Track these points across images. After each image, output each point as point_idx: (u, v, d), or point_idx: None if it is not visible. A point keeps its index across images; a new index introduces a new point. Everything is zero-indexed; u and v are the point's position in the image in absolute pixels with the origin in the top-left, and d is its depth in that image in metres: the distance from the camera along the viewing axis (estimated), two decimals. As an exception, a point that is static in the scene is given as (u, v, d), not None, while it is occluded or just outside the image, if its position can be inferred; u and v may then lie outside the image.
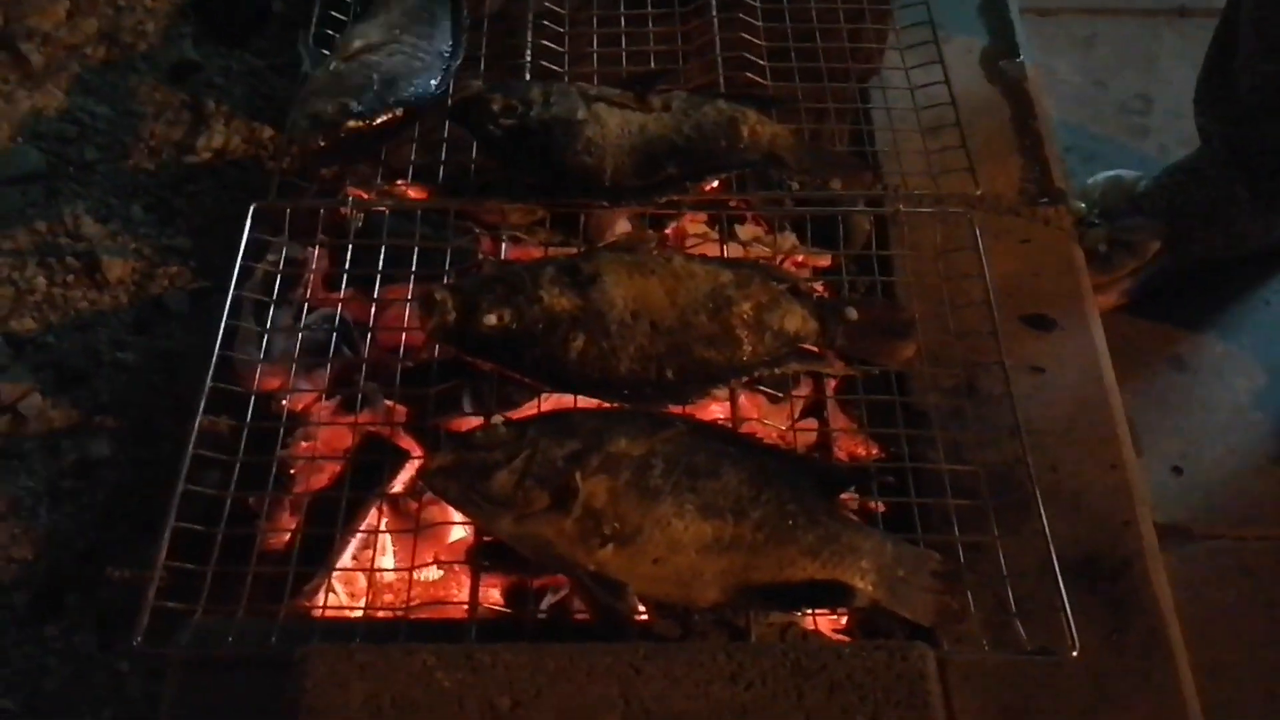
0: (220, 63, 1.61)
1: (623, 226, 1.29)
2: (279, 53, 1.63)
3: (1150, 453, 1.44)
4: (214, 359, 1.02)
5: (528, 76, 1.24)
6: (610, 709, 0.69)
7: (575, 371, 0.94)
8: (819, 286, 1.27)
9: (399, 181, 1.36)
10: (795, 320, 0.99)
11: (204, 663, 0.86)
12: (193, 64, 1.60)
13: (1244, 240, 1.57)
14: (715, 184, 1.30)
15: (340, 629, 0.88)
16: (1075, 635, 0.90)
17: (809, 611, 0.89)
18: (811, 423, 1.15)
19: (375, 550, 0.98)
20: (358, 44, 1.16)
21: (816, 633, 0.89)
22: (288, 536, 1.01)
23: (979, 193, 1.14)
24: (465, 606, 0.91)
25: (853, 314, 1.01)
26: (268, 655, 0.84)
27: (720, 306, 0.95)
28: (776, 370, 0.97)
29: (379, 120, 1.10)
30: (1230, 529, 1.39)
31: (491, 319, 0.92)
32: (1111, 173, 1.68)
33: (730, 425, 1.01)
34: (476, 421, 0.99)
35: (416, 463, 1.07)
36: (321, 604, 0.94)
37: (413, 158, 1.21)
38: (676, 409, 0.95)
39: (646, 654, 0.71)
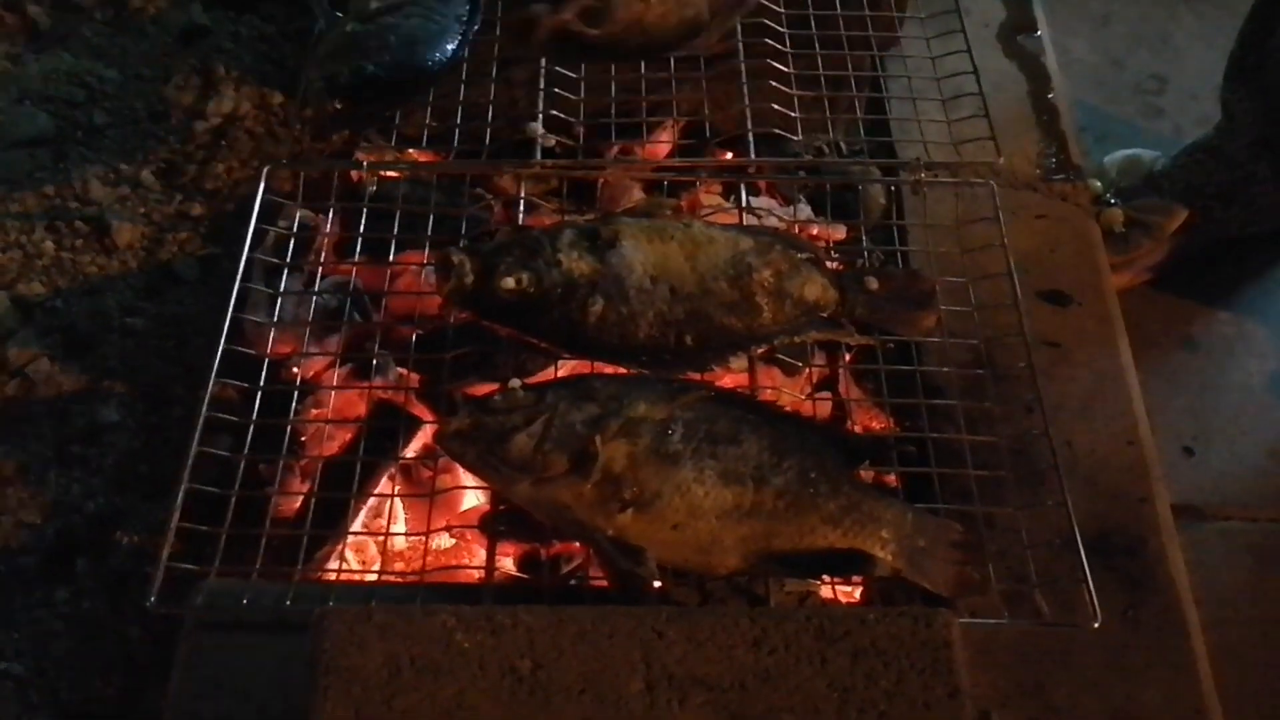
0: (230, 27, 1.59)
1: (638, 194, 1.28)
2: (289, 18, 1.61)
3: (1162, 433, 1.42)
4: (227, 320, 1.01)
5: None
6: (632, 672, 0.68)
7: (593, 336, 0.92)
8: (836, 262, 1.26)
9: (410, 150, 1.35)
10: (815, 289, 0.97)
11: (216, 624, 0.86)
12: (202, 28, 1.58)
13: (1263, 218, 1.56)
14: (729, 155, 1.29)
15: (356, 592, 0.87)
16: (1097, 606, 0.89)
17: (827, 581, 0.89)
18: (828, 395, 1.15)
19: (389, 516, 0.97)
20: (374, 4, 1.14)
21: (834, 602, 0.89)
22: (300, 501, 1.00)
23: (1000, 160, 1.13)
24: (481, 571, 0.90)
25: (873, 283, 1.00)
26: (282, 617, 0.83)
27: (740, 273, 0.94)
28: (796, 339, 0.96)
29: (394, 81, 1.08)
30: (1241, 510, 1.40)
31: (509, 282, 0.91)
32: (1128, 151, 1.68)
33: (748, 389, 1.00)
34: (493, 386, 0.99)
35: (430, 429, 1.06)
36: (336, 568, 0.93)
37: (427, 121, 1.19)
38: (695, 376, 0.94)
39: (669, 617, 0.71)
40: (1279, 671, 1.26)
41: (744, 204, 1.17)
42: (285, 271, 1.11)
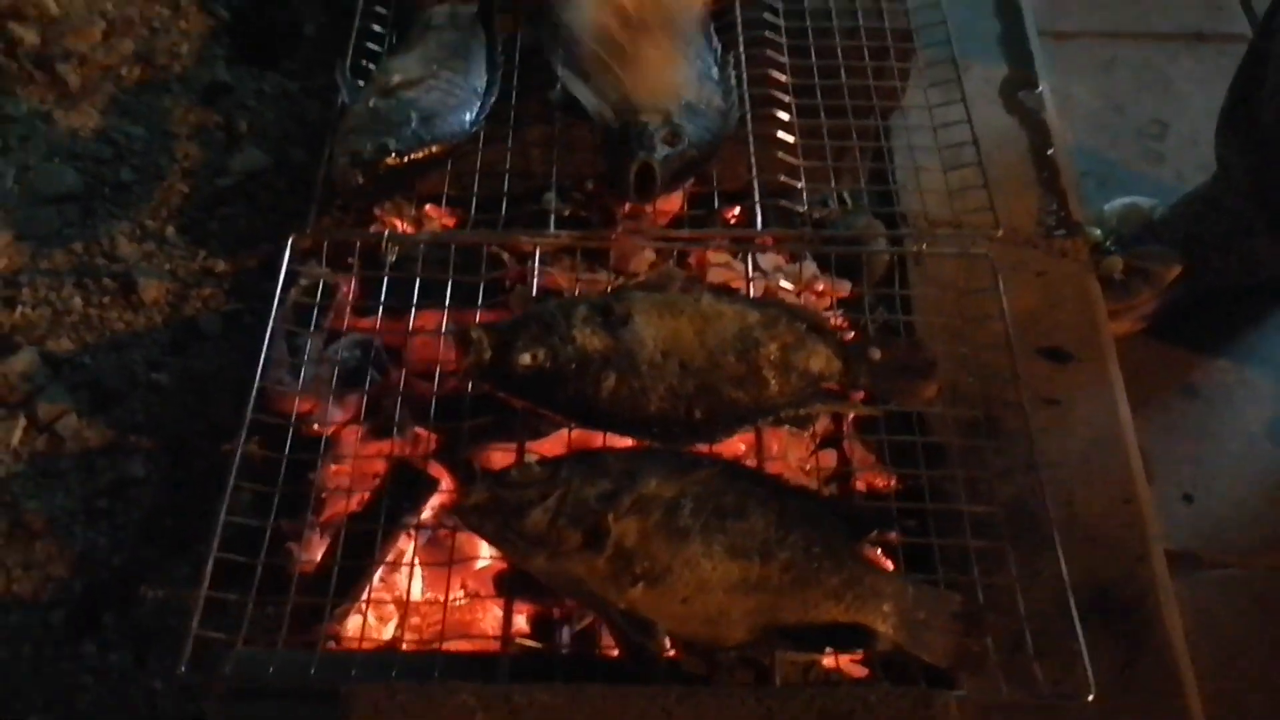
0: (253, 85, 1.64)
1: (648, 256, 1.32)
2: (310, 75, 1.66)
3: (1161, 480, 1.45)
4: (254, 391, 1.04)
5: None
6: (643, 750, 0.72)
7: (606, 410, 0.96)
8: (840, 318, 1.30)
9: (428, 207, 1.39)
10: (820, 360, 1.01)
11: (244, 691, 0.89)
12: (226, 86, 1.63)
13: (1260, 269, 1.57)
14: (737, 211, 1.33)
15: (377, 660, 0.91)
16: (1093, 681, 0.92)
17: (830, 652, 0.92)
18: (831, 453, 1.18)
19: (409, 579, 1.01)
20: (396, 79, 1.18)
21: (838, 671, 0.92)
22: (321, 564, 1.03)
23: (999, 233, 1.16)
24: (498, 640, 0.94)
25: (876, 354, 1.03)
26: (306, 686, 0.87)
27: (748, 347, 0.98)
28: (801, 411, 0.99)
29: (416, 157, 1.12)
30: (1240, 558, 1.40)
31: (526, 358, 0.95)
32: (1128, 199, 1.69)
33: (754, 457, 1.03)
34: (509, 454, 1.02)
35: (447, 493, 1.10)
36: (359, 634, 0.97)
37: (445, 188, 1.23)
38: (704, 447, 0.98)
39: (679, 697, 0.74)
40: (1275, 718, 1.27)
41: (751, 264, 1.21)
42: (309, 335, 1.15)
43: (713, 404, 0.96)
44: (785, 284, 1.32)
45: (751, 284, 1.20)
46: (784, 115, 1.27)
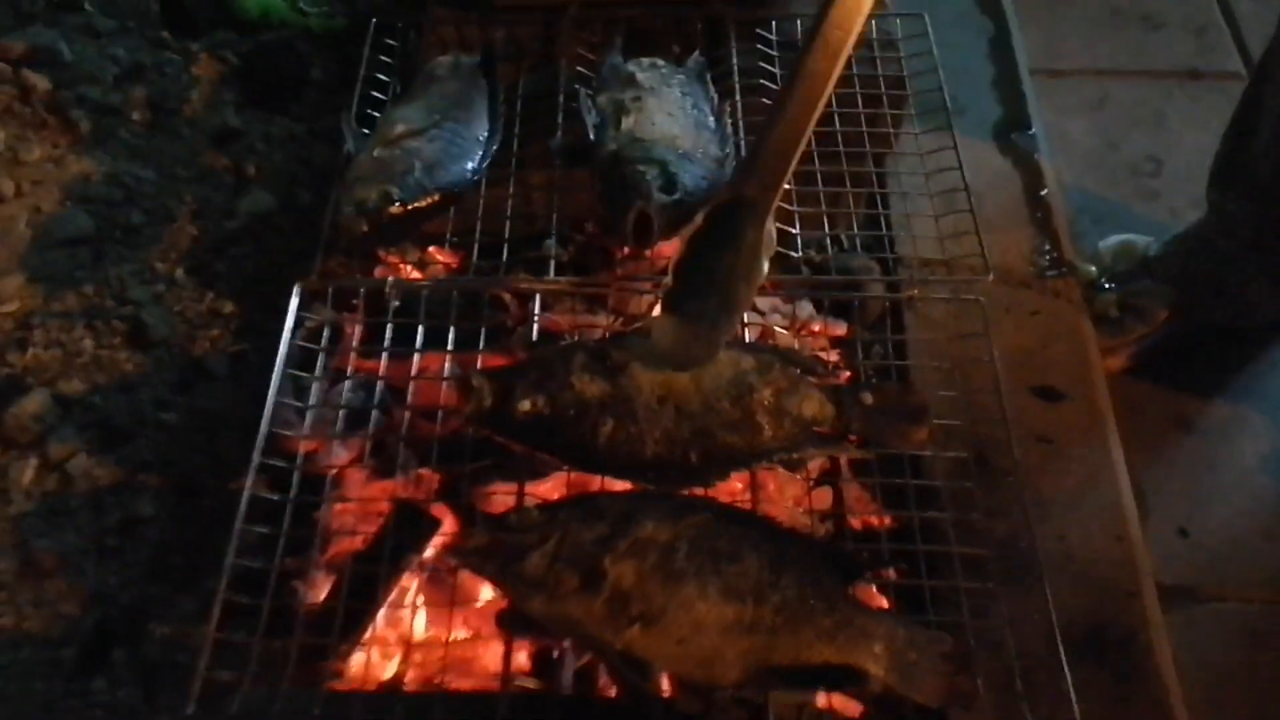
0: (261, 129, 1.68)
1: (647, 299, 1.35)
2: (317, 119, 1.70)
3: (1157, 514, 1.46)
4: (261, 433, 1.07)
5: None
6: (638, 791, 0.74)
7: (604, 454, 0.98)
8: (835, 356, 1.32)
9: (431, 248, 1.42)
10: (813, 405, 1.03)
11: (250, 730, 0.91)
12: (234, 130, 1.67)
13: (1255, 311, 1.59)
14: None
15: (380, 700, 0.93)
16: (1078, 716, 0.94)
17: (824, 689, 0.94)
18: (826, 490, 1.20)
19: (412, 617, 1.03)
20: (400, 129, 1.21)
21: (831, 711, 0.94)
22: (325, 603, 1.06)
23: (990, 279, 1.18)
24: (498, 679, 0.96)
25: (868, 398, 1.05)
26: (312, 725, 0.89)
27: (742, 393, 1.00)
28: (795, 456, 1.02)
29: (419, 205, 1.15)
30: (1235, 591, 1.41)
31: (526, 405, 0.97)
32: (1122, 237, 1.71)
33: (750, 496, 1.06)
34: (510, 495, 1.05)
35: (449, 533, 1.12)
36: (362, 672, 0.99)
37: (449, 230, 1.26)
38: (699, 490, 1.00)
39: (672, 737, 0.76)
40: None
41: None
42: (315, 378, 1.17)
43: (708, 448, 0.99)
44: (781, 324, 1.35)
45: (747, 325, 1.22)
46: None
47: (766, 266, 0.97)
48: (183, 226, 1.56)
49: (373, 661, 1.03)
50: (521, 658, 1.07)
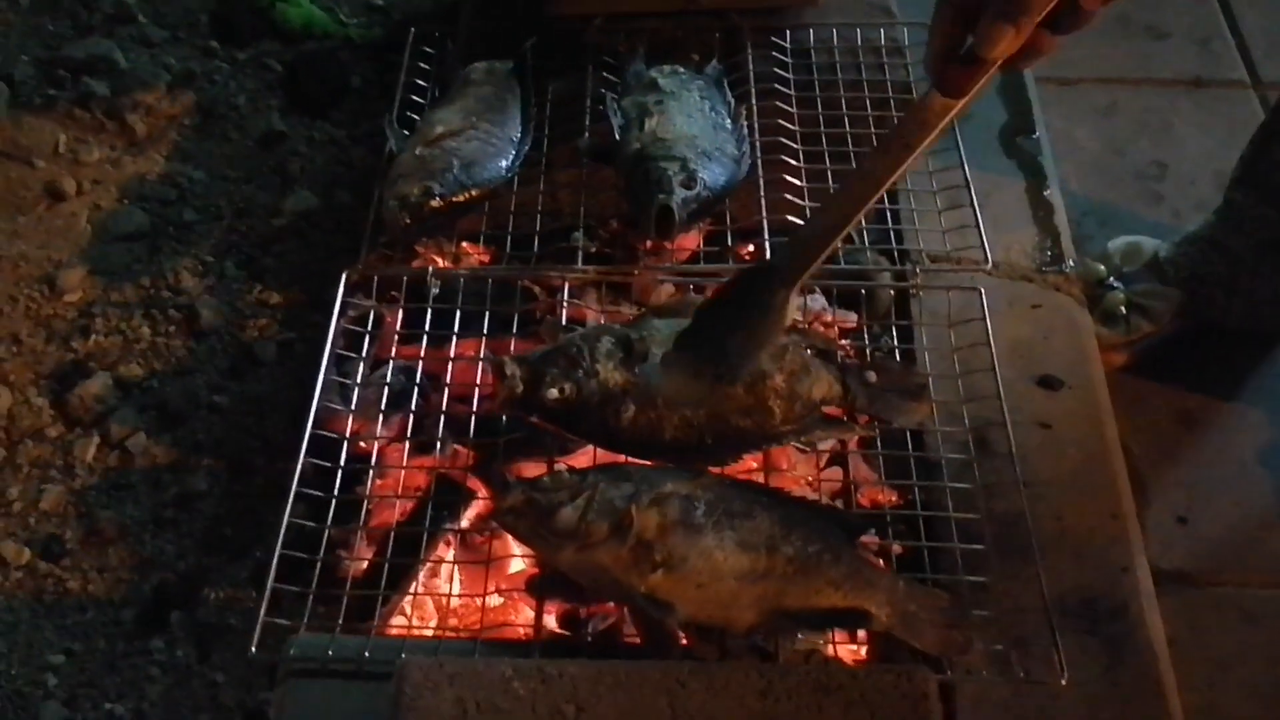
0: (304, 132, 1.78)
1: (667, 289, 1.43)
2: (357, 124, 1.79)
3: (1157, 503, 1.51)
4: (313, 408, 1.15)
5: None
6: (659, 716, 0.82)
7: (626, 437, 1.06)
8: (846, 345, 1.40)
9: (465, 244, 1.51)
10: (823, 386, 1.11)
11: (306, 672, 1.00)
12: (279, 134, 1.77)
13: (1263, 313, 1.62)
14: (751, 248, 1.44)
15: (424, 646, 1.01)
16: (1064, 665, 1.01)
17: (830, 640, 1.02)
18: (836, 472, 1.28)
19: (450, 580, 1.12)
20: (439, 130, 1.30)
21: (837, 660, 1.02)
22: (372, 564, 1.14)
23: (989, 269, 1.26)
24: (530, 629, 1.04)
25: (872, 377, 1.13)
26: (361, 667, 0.98)
27: (756, 380, 1.08)
28: (804, 439, 1.09)
29: (457, 200, 1.24)
30: (1232, 576, 1.46)
31: (554, 392, 1.05)
32: (1130, 238, 1.75)
33: (762, 477, 1.14)
34: (540, 468, 1.13)
35: (482, 502, 1.20)
36: (406, 623, 1.07)
37: (483, 226, 1.35)
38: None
39: (691, 671, 0.84)
40: None
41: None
42: (360, 361, 1.26)
43: (722, 431, 1.07)
44: (794, 315, 1.42)
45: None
46: (792, 161, 1.38)
47: (781, 336, 1.05)
48: (232, 223, 1.66)
49: (413, 625, 1.11)
50: (550, 621, 1.15)
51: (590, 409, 1.06)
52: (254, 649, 0.98)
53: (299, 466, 1.11)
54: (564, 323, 1.28)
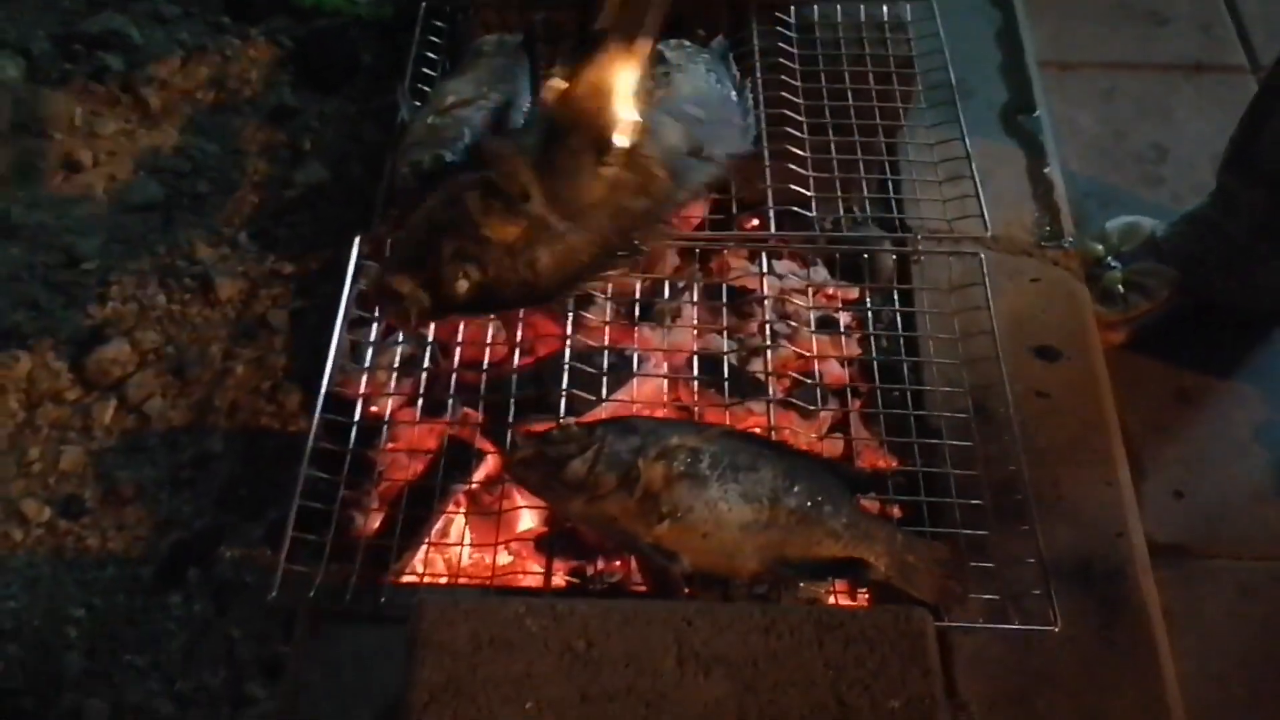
0: (315, 108, 1.81)
1: (672, 261, 1.46)
2: (367, 99, 1.82)
3: (1153, 478, 1.53)
4: (329, 366, 1.18)
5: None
6: (666, 651, 0.85)
7: (550, 281, 1.03)
8: (847, 317, 1.43)
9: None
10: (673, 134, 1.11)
11: (325, 616, 1.03)
12: (291, 108, 1.80)
13: (1261, 294, 1.64)
14: (755, 222, 1.46)
15: (438, 592, 1.04)
16: (1058, 614, 1.04)
17: (830, 590, 1.05)
18: (839, 436, 1.31)
19: (462, 534, 1.15)
20: (450, 99, 1.33)
21: (836, 606, 1.05)
22: (387, 517, 1.17)
23: (989, 235, 1.29)
24: (541, 577, 1.07)
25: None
26: (378, 611, 1.01)
27: (633, 157, 1.05)
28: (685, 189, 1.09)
29: (468, 168, 1.26)
30: (1227, 549, 1.48)
31: (463, 284, 1.01)
32: (1129, 218, 1.77)
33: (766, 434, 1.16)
34: (549, 423, 1.16)
35: (492, 460, 1.23)
36: (421, 572, 1.11)
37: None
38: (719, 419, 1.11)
39: (696, 610, 0.87)
40: (1253, 695, 1.36)
41: (766, 267, 1.35)
42: (374, 325, 1.29)
43: (627, 225, 1.05)
44: (797, 286, 1.45)
45: (766, 285, 1.33)
46: (796, 134, 1.41)
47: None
48: (245, 195, 1.69)
49: (427, 574, 1.14)
50: (557, 580, 1.18)
51: (505, 276, 1.02)
52: (274, 593, 1.01)
53: (315, 420, 1.13)
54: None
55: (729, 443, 1.03)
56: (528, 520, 1.22)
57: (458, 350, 1.28)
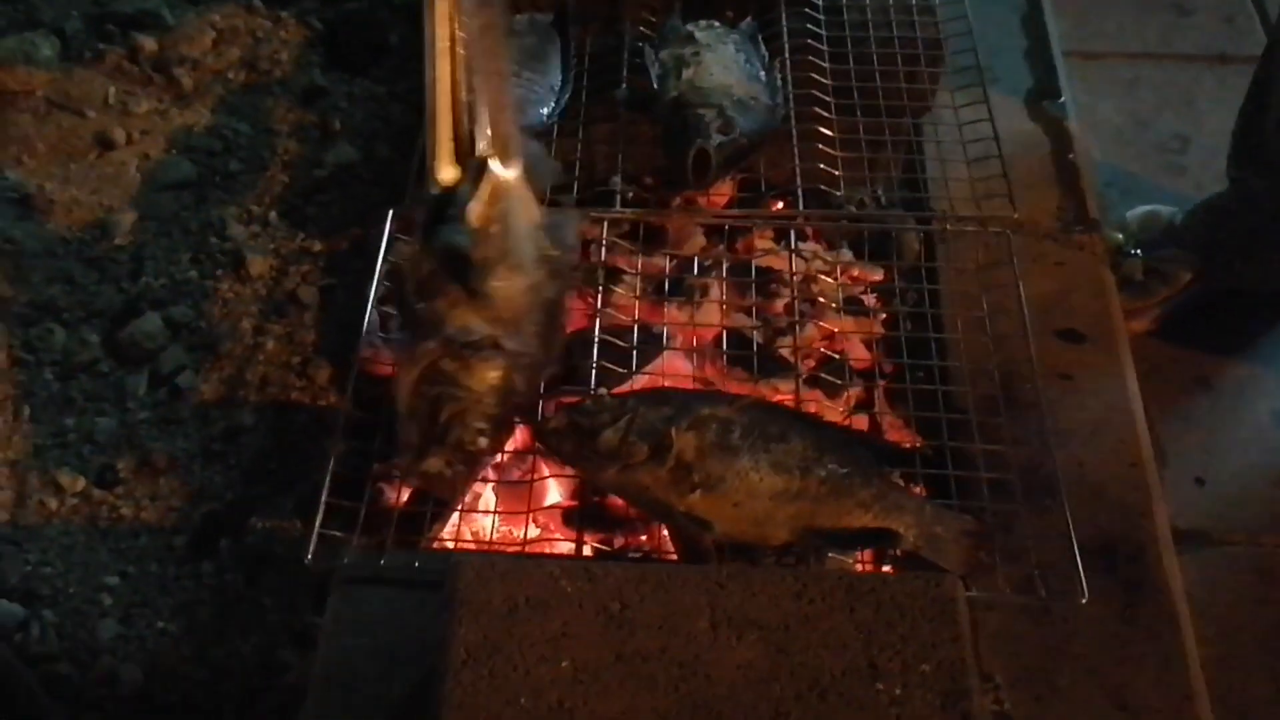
0: (345, 88, 1.83)
1: (699, 241, 1.47)
2: (395, 81, 1.84)
3: (1174, 464, 1.54)
4: (362, 337, 1.20)
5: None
6: (699, 614, 0.86)
7: None
8: (873, 300, 1.44)
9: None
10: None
11: (359, 580, 1.05)
12: (321, 89, 1.82)
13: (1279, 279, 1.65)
14: (780, 204, 1.48)
15: (474, 555, 1.06)
16: (1085, 586, 1.05)
17: (857, 560, 1.06)
18: (864, 416, 1.32)
19: (495, 504, 1.16)
20: (481, 76, 1.34)
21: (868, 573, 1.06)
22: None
23: (1016, 215, 1.30)
24: (570, 549, 1.09)
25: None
26: (412, 576, 1.03)
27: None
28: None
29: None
30: (1247, 535, 1.49)
31: (482, 441, 1.02)
32: (1149, 207, 1.78)
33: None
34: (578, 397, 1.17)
35: (521, 432, 1.24)
36: (452, 539, 1.12)
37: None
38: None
39: (729, 574, 0.88)
40: (1276, 677, 1.37)
41: (793, 248, 1.36)
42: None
43: None
44: (823, 268, 1.46)
45: (794, 263, 1.34)
46: (825, 114, 1.42)
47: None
48: (275, 174, 1.71)
49: (460, 541, 1.16)
50: (588, 552, 1.20)
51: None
52: (309, 557, 1.02)
53: (349, 390, 1.15)
54: (601, 270, 1.31)
55: (760, 413, 1.05)
56: (555, 494, 1.24)
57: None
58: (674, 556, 1.08)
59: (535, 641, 0.85)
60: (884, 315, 1.44)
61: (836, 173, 1.36)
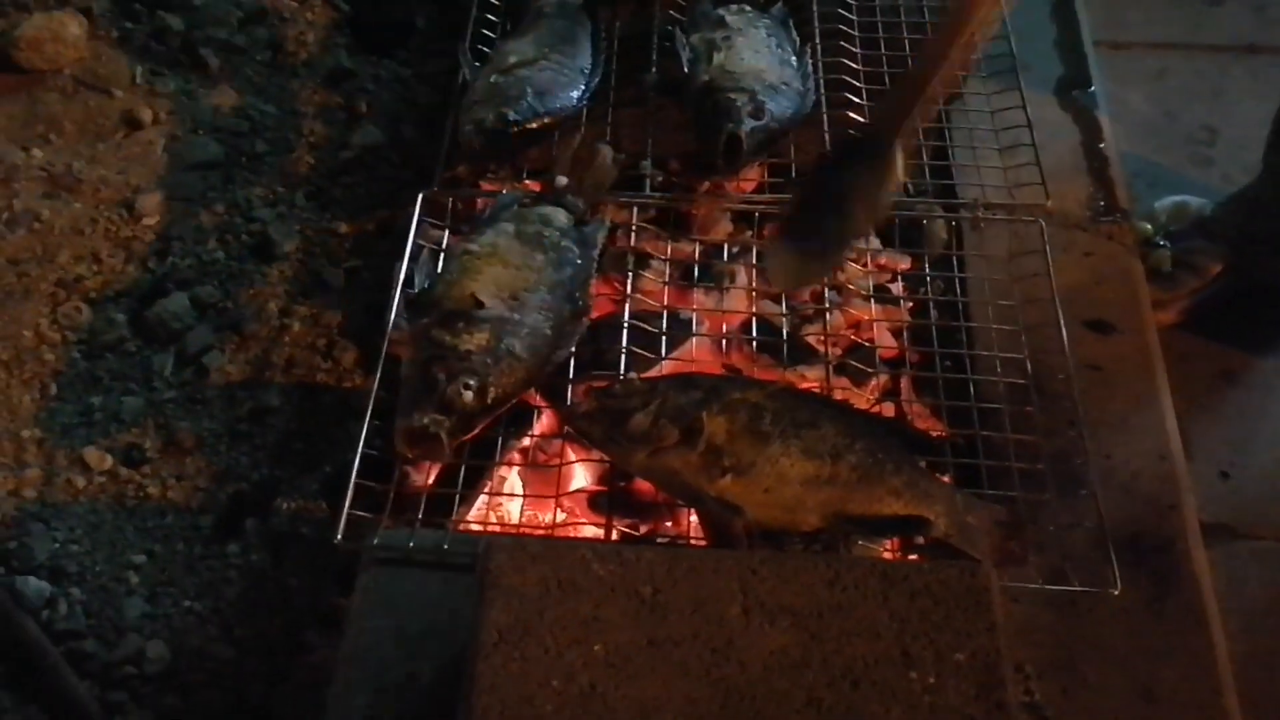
0: (371, 70, 1.82)
1: (726, 227, 1.46)
2: (422, 63, 1.84)
3: (1200, 458, 1.52)
4: (391, 319, 1.20)
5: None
6: (732, 599, 0.86)
7: None
8: (900, 288, 1.43)
9: (527, 181, 1.55)
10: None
11: (388, 561, 1.05)
12: (347, 71, 1.81)
13: None
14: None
15: (500, 537, 1.06)
16: (1118, 576, 1.04)
17: (885, 549, 1.06)
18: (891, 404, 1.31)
19: (521, 486, 1.16)
20: (513, 59, 1.34)
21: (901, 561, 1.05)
22: (446, 467, 1.18)
23: (1048, 203, 1.29)
24: (599, 534, 1.09)
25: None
26: (440, 557, 1.03)
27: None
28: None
29: (531, 126, 1.28)
30: (1273, 530, 1.48)
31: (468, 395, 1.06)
32: (1177, 198, 1.77)
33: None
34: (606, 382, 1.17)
35: (548, 416, 1.24)
36: (481, 522, 1.12)
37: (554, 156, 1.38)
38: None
39: (762, 559, 0.88)
40: None
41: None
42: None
43: None
44: (849, 256, 1.45)
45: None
46: (855, 99, 1.41)
47: (889, 198, 1.06)
48: (301, 156, 1.70)
49: (488, 524, 1.16)
50: (616, 537, 1.20)
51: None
52: (339, 537, 1.02)
53: (379, 369, 1.15)
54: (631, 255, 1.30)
55: (789, 399, 1.04)
56: (582, 478, 1.24)
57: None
58: (702, 542, 1.07)
59: (567, 624, 0.85)
60: (911, 303, 1.43)
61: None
